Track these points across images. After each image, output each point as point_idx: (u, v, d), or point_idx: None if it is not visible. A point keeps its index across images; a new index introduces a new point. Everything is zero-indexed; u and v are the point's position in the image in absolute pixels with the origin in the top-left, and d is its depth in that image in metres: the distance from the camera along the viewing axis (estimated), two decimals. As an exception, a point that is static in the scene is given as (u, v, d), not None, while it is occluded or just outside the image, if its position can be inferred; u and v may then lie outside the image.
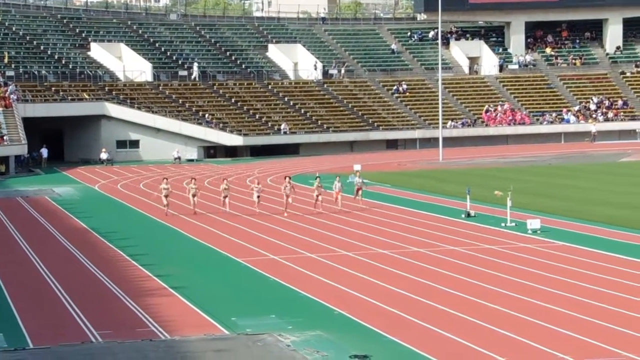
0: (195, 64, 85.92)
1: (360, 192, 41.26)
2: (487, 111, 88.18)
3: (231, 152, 79.84)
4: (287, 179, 39.12)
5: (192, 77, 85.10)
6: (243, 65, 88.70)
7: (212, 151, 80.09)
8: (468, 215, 37.57)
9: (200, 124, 79.63)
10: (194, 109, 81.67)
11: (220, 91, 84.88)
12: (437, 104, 75.95)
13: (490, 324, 20.20)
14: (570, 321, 20.30)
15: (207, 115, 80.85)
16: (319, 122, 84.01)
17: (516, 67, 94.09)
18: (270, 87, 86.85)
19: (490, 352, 17.94)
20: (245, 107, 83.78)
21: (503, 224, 34.84)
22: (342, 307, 22.36)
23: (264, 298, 24.01)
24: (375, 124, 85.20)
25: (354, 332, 20.06)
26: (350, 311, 21.88)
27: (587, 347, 18.20)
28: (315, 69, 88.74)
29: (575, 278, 25.07)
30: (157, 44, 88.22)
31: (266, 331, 20.11)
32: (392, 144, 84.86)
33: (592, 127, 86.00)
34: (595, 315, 20.77)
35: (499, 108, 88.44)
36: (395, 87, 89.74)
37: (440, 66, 75.76)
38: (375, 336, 19.63)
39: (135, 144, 78.69)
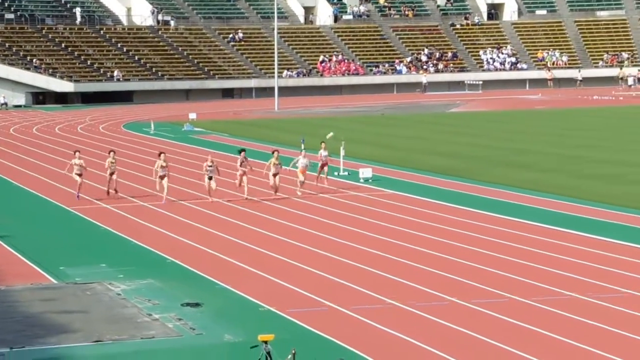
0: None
1: (325, 168, 32.54)
2: (322, 61, 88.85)
3: (61, 98, 77.64)
4: (242, 153, 30.59)
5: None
6: (73, 10, 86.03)
7: (41, 97, 77.69)
8: (302, 164, 37.83)
9: (28, 69, 77.01)
10: (21, 53, 78.83)
11: (50, 35, 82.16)
12: (273, 53, 75.94)
13: (323, 271, 20.50)
14: (398, 267, 20.83)
15: (35, 61, 78.21)
16: (154, 69, 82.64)
17: (350, 17, 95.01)
18: (102, 32, 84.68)
19: (324, 299, 18.21)
20: (76, 53, 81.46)
21: (336, 173, 35.32)
22: (174, 255, 22.23)
23: (94, 247, 23.58)
24: (211, 72, 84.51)
25: (186, 280, 19.99)
26: (183, 260, 21.78)
27: (415, 293, 18.72)
28: (157, 17, 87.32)
29: (404, 225, 25.72)
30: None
31: (96, 280, 19.78)
32: (228, 93, 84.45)
33: (423, 78, 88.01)
34: (422, 261, 21.39)
35: (334, 58, 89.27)
36: (231, 36, 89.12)
37: (276, 15, 75.64)
38: (208, 284, 19.62)
39: (-42, 89, 75.48)
